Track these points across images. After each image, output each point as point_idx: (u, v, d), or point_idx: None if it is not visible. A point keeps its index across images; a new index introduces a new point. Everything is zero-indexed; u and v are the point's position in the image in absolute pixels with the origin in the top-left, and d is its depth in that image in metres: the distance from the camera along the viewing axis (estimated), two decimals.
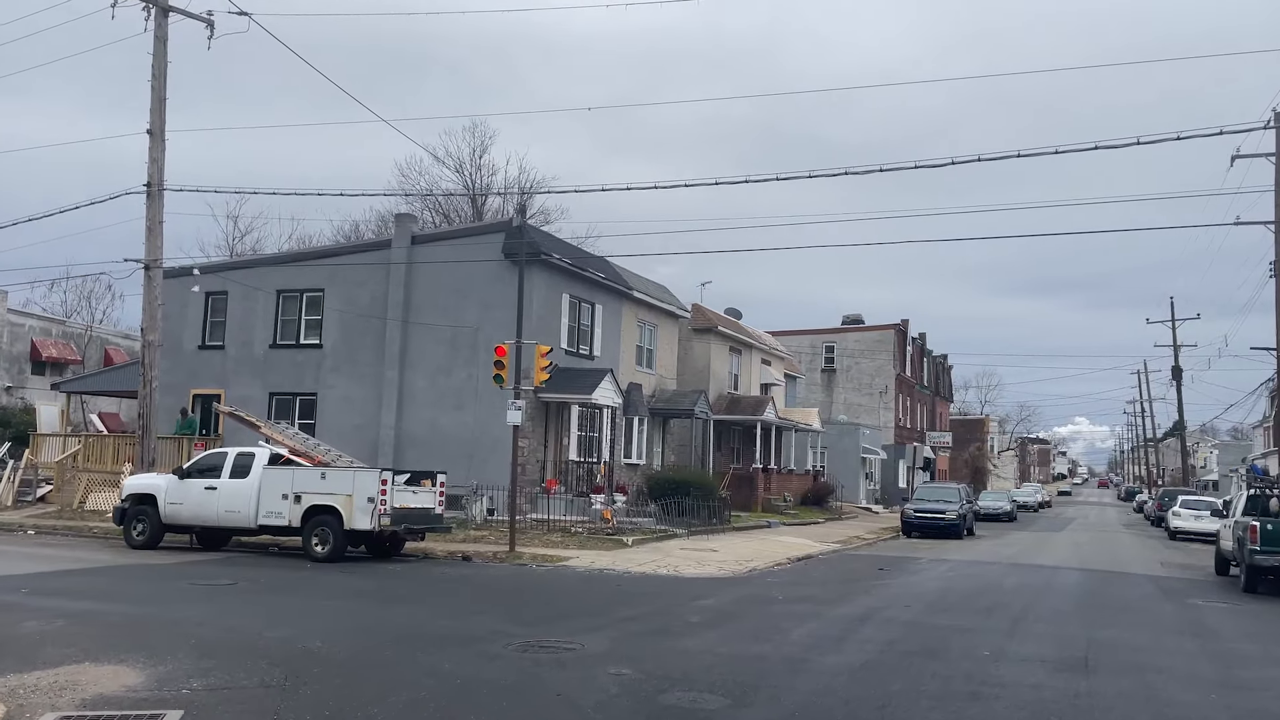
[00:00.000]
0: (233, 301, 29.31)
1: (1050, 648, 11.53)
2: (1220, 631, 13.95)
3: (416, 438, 26.71)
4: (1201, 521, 37.62)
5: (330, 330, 28.18)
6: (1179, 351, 65.41)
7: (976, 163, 16.75)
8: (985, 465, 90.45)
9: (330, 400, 27.90)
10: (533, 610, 13.53)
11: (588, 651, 10.25)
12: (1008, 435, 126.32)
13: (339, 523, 18.37)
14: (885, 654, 10.67)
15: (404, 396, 27.03)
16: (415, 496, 19.28)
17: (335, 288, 28.18)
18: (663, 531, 24.81)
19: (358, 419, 27.42)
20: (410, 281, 27.35)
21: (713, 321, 39.02)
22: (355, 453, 26.64)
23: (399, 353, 27.11)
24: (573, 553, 20.70)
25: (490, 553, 20.37)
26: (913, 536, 33.06)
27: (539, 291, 26.65)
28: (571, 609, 13.64)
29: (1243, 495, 22.18)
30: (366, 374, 27.48)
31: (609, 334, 30.36)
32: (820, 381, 61.55)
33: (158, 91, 23.77)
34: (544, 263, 26.62)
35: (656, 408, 33.43)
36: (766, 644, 11.06)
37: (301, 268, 29.06)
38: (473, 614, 12.89)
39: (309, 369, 28.27)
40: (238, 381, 28.89)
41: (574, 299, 28.37)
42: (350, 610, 12.93)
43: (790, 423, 43.49)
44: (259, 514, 19.08)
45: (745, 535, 27.70)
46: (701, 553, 21.95)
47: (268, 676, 8.64)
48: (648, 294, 32.72)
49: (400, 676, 8.85)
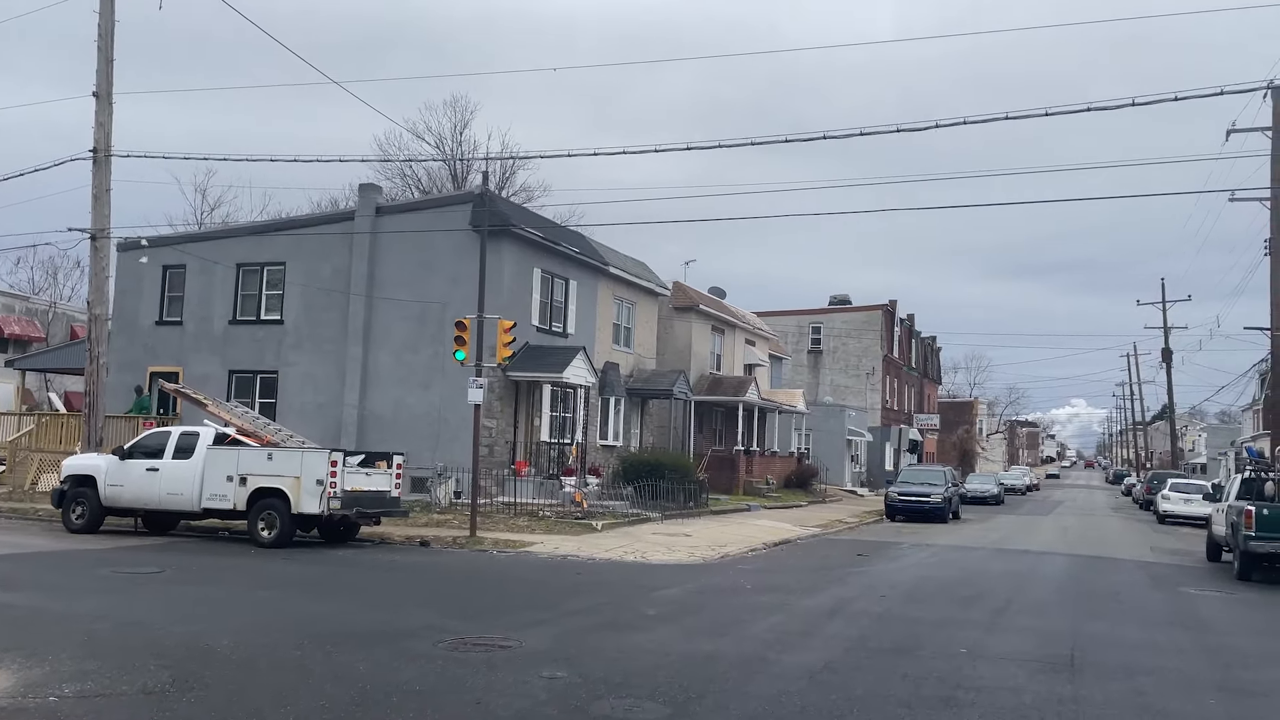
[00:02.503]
0: (191, 275, 28.16)
1: (1033, 644, 10.63)
2: (1215, 624, 13.08)
3: (381, 417, 25.68)
4: (1191, 505, 36.93)
5: (292, 305, 27.07)
6: (1169, 333, 64.74)
7: (962, 125, 15.80)
8: (973, 448, 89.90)
9: (292, 378, 26.82)
10: (479, 601, 12.58)
11: (525, 650, 9.29)
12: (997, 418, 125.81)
13: (286, 506, 17.37)
14: (852, 652, 9.74)
15: (368, 375, 25.97)
16: (369, 479, 18.27)
17: (297, 261, 27.05)
18: (636, 515, 23.89)
19: (321, 398, 26.36)
20: (375, 255, 26.23)
21: (694, 300, 38.00)
22: (318, 433, 25.64)
23: (363, 329, 26.03)
24: (538, 538, 19.76)
25: (450, 538, 19.40)
26: (896, 520, 32.24)
27: (509, 266, 25.59)
28: (522, 600, 12.68)
29: (1236, 478, 21.34)
30: (329, 351, 26.41)
31: (584, 311, 29.32)
32: (806, 363, 60.63)
33: (104, 52, 22.52)
34: (515, 236, 25.53)
35: (634, 388, 32.45)
36: (723, 640, 10.12)
37: (262, 240, 27.90)
38: (413, 606, 11.92)
39: (270, 346, 27.17)
40: (196, 359, 27.78)
41: (546, 274, 27.30)
42: (277, 602, 11.95)
43: (774, 404, 42.58)
44: (203, 497, 18.06)
45: (722, 519, 26.80)
46: (674, 538, 21.04)
47: (153, 681, 7.67)
48: (625, 270, 31.66)
49: (303, 681, 7.88)
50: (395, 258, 26.01)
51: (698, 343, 38.19)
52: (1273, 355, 34.63)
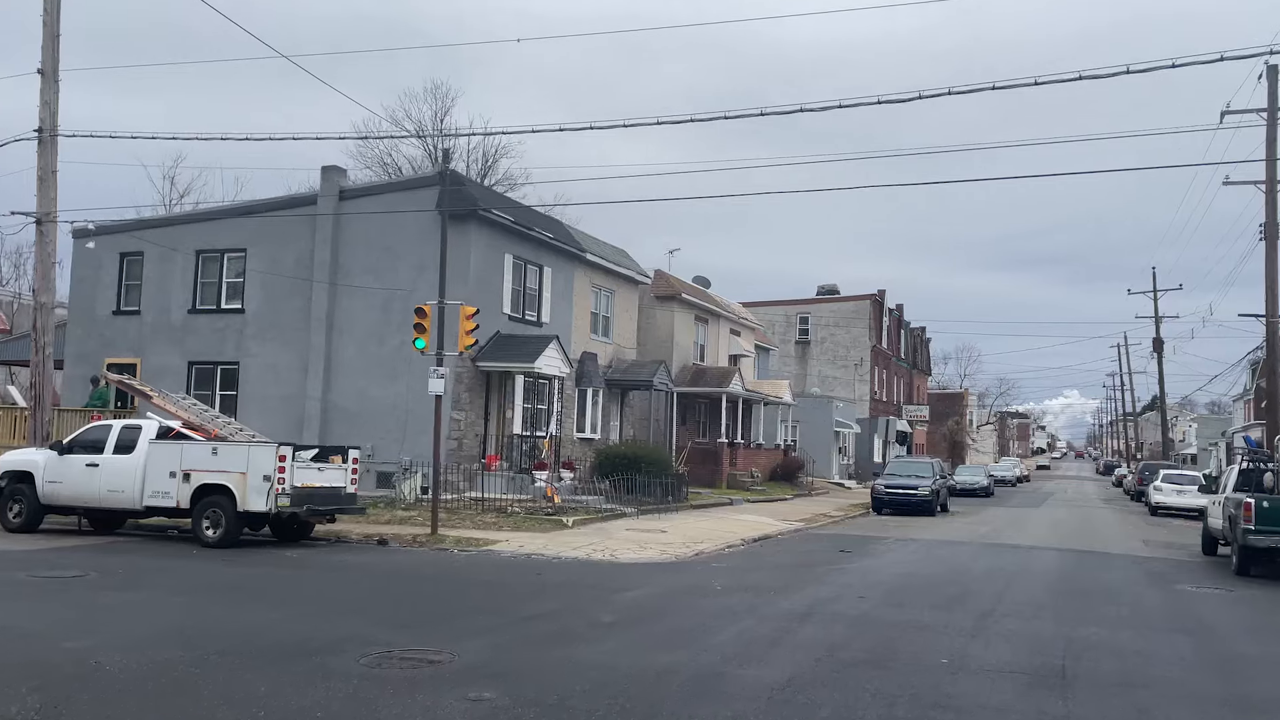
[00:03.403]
0: (149, 263, 27.06)
1: (1021, 652, 9.70)
2: (1216, 627, 12.18)
3: (346, 410, 24.66)
4: (1184, 497, 36.23)
5: (253, 294, 26.00)
6: (1160, 323, 64.01)
7: (946, 95, 14.83)
8: (964, 439, 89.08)
9: (253, 370, 25.76)
10: (423, 607, 11.61)
11: (456, 665, 8.34)
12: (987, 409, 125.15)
13: (232, 504, 16.35)
14: (822, 664, 8.79)
15: (332, 365, 24.93)
16: (321, 474, 17.25)
17: (259, 247, 25.98)
18: (610, 511, 22.93)
19: (283, 390, 25.32)
20: (338, 240, 25.19)
21: (676, 289, 37.02)
22: (280, 426, 24.63)
23: (326, 318, 24.99)
24: (504, 535, 18.79)
25: (411, 536, 18.42)
26: (883, 514, 31.37)
27: (478, 251, 24.56)
28: (470, 605, 11.72)
29: (1234, 469, 20.46)
30: (292, 341, 25.36)
31: (560, 299, 28.32)
32: (794, 354, 59.73)
33: (50, 28, 21.36)
34: (483, 219, 24.50)
35: (613, 379, 31.47)
36: (680, 652, 9.16)
37: (222, 225, 26.79)
38: (346, 613, 10.93)
39: (230, 336, 26.10)
40: (155, 350, 26.70)
41: (519, 260, 26.28)
42: (197, 609, 10.94)
43: (759, 395, 41.65)
44: (144, 494, 17.03)
45: (702, 514, 25.87)
46: (648, 534, 20.09)
47: (19, 708, 6.68)
48: (604, 257, 30.65)
49: (190, 706, 6.90)
50: (360, 243, 24.97)
51: (680, 333, 37.23)
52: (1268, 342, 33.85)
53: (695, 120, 16.62)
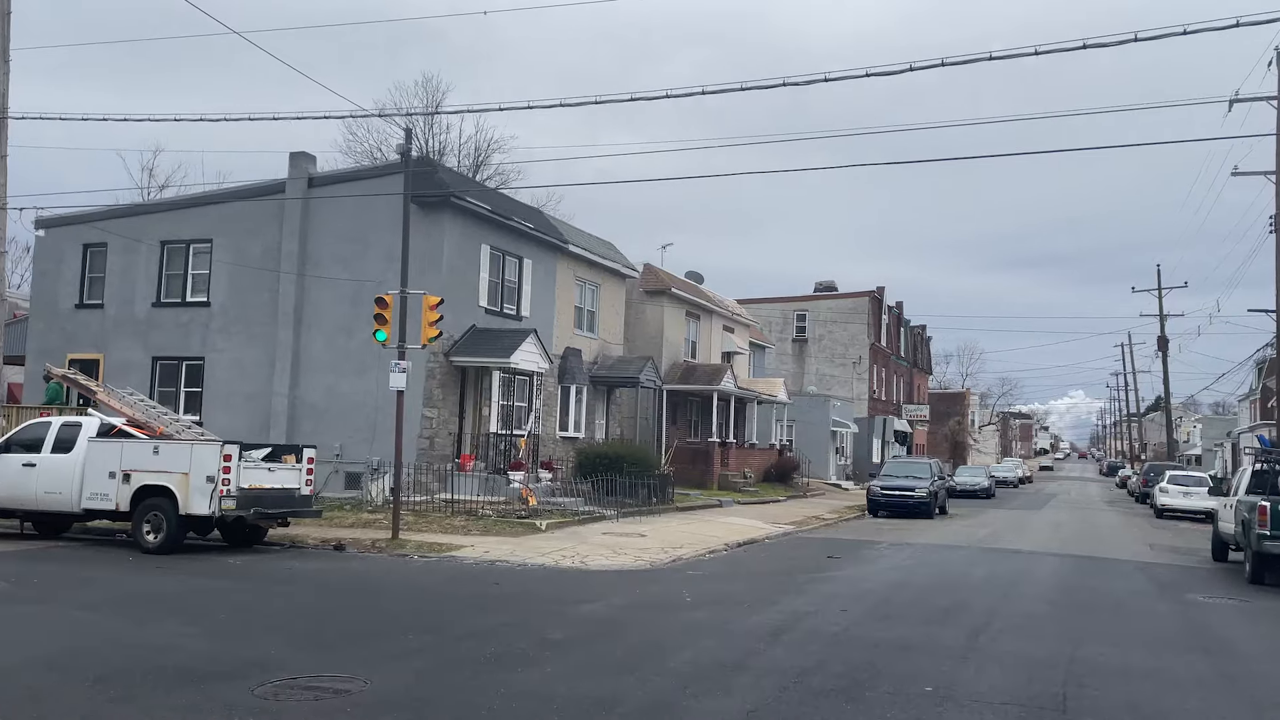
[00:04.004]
0: (113, 255, 25.97)
1: (1017, 677, 8.59)
2: (1234, 644, 11.05)
3: (314, 407, 23.57)
4: (1190, 499, 35.15)
5: (219, 286, 24.91)
6: (1165, 321, 62.79)
7: (940, 67, 13.73)
8: (965, 440, 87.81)
9: (219, 365, 24.67)
10: (355, 623, 10.50)
11: (367, 694, 7.25)
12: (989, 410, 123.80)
13: (174, 506, 15.28)
14: (788, 693, 7.69)
15: (299, 360, 23.84)
16: (272, 475, 16.15)
17: (225, 238, 24.89)
18: (588, 514, 21.82)
19: (249, 386, 24.23)
20: (307, 230, 24.09)
21: (666, 283, 35.88)
22: (246, 424, 23.58)
23: (294, 311, 23.89)
24: (470, 540, 17.70)
25: (371, 541, 17.34)
26: (879, 516, 30.25)
27: (452, 240, 23.46)
28: (408, 620, 10.60)
29: (1246, 470, 19.33)
30: (259, 335, 24.27)
31: (541, 292, 27.20)
32: (791, 352, 58.56)
33: (1, 5, 20.38)
34: (458, 207, 23.39)
35: (599, 375, 30.36)
36: (629, 678, 8.06)
37: (188, 215, 25.70)
38: (267, 630, 9.83)
39: (196, 330, 25.01)
40: (118, 345, 25.62)
41: (496, 251, 25.16)
42: (99, 626, 9.84)
43: (752, 393, 40.50)
44: (83, 495, 15.96)
45: (688, 516, 24.75)
46: (626, 539, 18.99)
47: None
48: (588, 249, 29.54)
49: None
50: (328, 233, 23.88)
51: (670, 329, 36.10)
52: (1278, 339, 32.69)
53: (671, 96, 15.52)
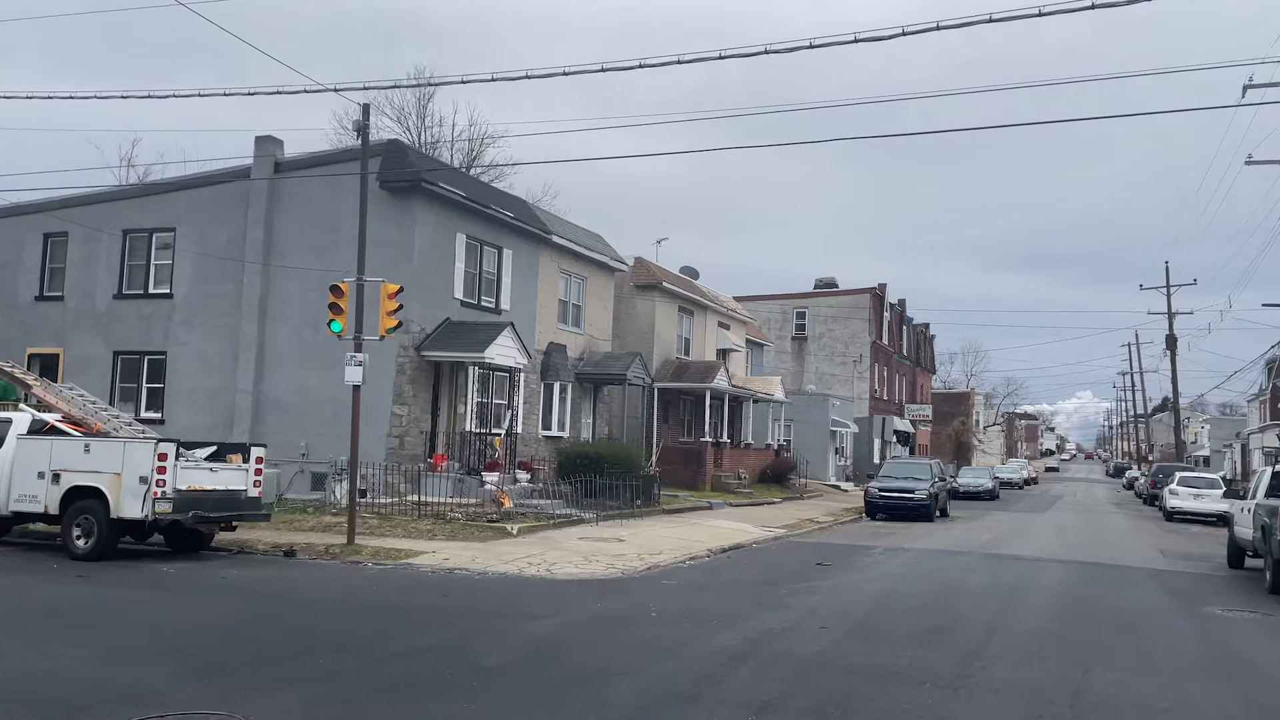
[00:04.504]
0: (74, 244, 24.86)
1: (1014, 711, 7.40)
2: (1261, 667, 9.83)
3: (279, 403, 22.41)
4: (1201, 501, 33.88)
5: (182, 277, 23.76)
6: (1174, 319, 61.40)
7: (936, 30, 12.52)
8: (970, 440, 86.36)
9: (182, 360, 23.53)
10: (268, 641, 9.33)
11: None
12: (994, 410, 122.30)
13: (105, 509, 14.13)
14: None
15: (265, 354, 22.69)
16: (214, 476, 14.99)
17: (188, 226, 23.75)
18: (566, 517, 20.63)
19: (213, 382, 23.09)
20: (272, 218, 22.94)
21: (658, 277, 34.65)
22: (208, 421, 22.46)
23: (259, 302, 22.74)
24: (432, 546, 16.52)
25: (325, 546, 16.18)
26: (877, 519, 29.04)
27: (425, 228, 22.28)
28: (333, 638, 9.43)
29: (1266, 472, 18.09)
30: (222, 328, 23.13)
31: (522, 285, 26.01)
32: (791, 350, 57.32)
33: None
34: (431, 193, 22.20)
35: (585, 372, 29.16)
36: (563, 713, 6.88)
37: (150, 202, 24.55)
38: (163, 653, 8.65)
39: (158, 323, 23.88)
40: (79, 338, 24.50)
41: (473, 240, 23.98)
42: None
43: (748, 391, 39.27)
44: (10, 497, 14.84)
45: (673, 520, 23.53)
46: (602, 544, 17.80)
47: None
48: (573, 240, 28.35)
49: None
50: (295, 220, 22.73)
51: (662, 324, 34.89)
52: None
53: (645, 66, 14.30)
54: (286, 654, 8.73)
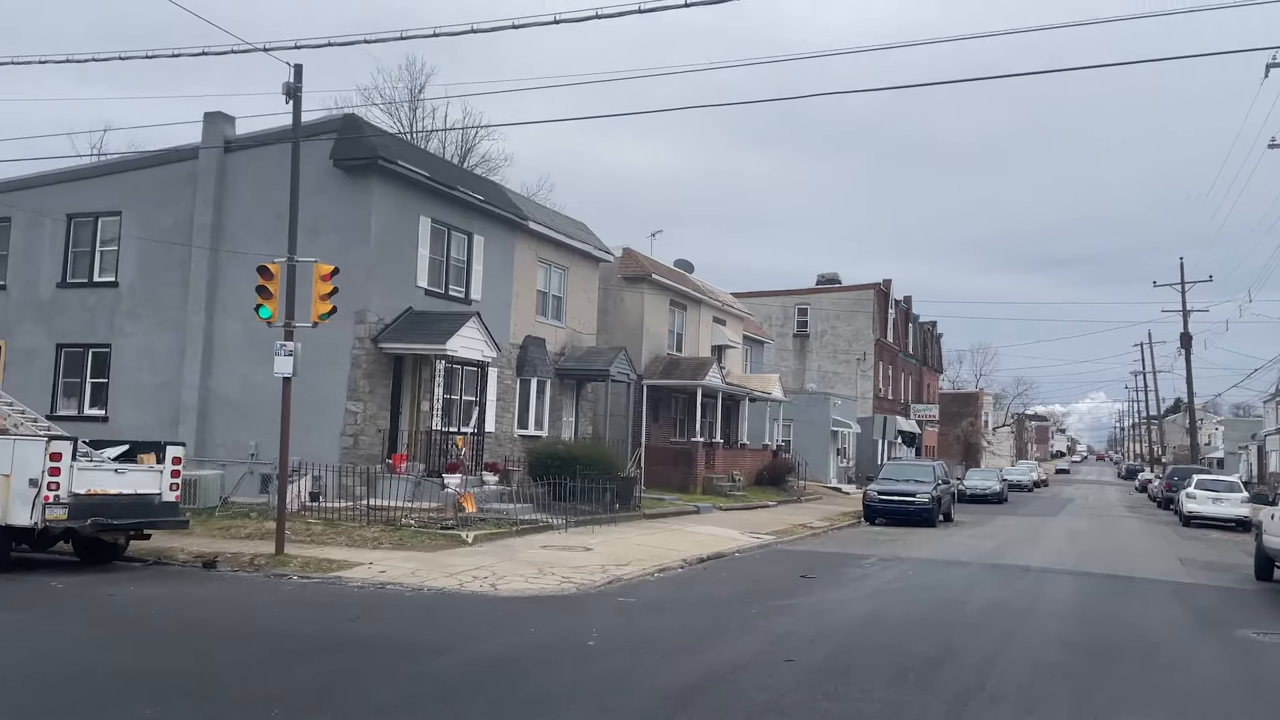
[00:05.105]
0: (17, 230, 23.33)
1: None
2: None
3: (227, 399, 20.83)
4: (1221, 505, 32.13)
5: (127, 264, 22.21)
6: (1188, 317, 59.41)
7: None
8: (979, 441, 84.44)
9: (127, 353, 21.97)
10: (105, 680, 7.72)
11: None
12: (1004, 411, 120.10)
13: None
14: None
15: (212, 347, 21.11)
16: (121, 478, 13.43)
17: (134, 210, 22.19)
18: (532, 523, 18.99)
19: (159, 376, 21.52)
20: (222, 200, 21.36)
21: (646, 268, 32.99)
22: (153, 419, 20.92)
23: (207, 291, 21.16)
24: (374, 556, 14.92)
25: (250, 557, 14.59)
26: (876, 524, 27.34)
27: (383, 210, 20.66)
28: (187, 676, 7.81)
29: None
30: (169, 319, 21.55)
31: (496, 274, 24.37)
32: (792, 347, 55.57)
33: None
34: (390, 173, 20.55)
35: (566, 368, 27.51)
36: None
37: (96, 185, 22.95)
38: None
39: (102, 314, 22.32)
40: (21, 330, 22.96)
41: (439, 225, 22.33)
42: None
43: (743, 390, 37.54)
44: None
45: (653, 526, 21.87)
46: (566, 553, 16.17)
47: None
48: (552, 227, 26.69)
49: None
50: (246, 203, 21.13)
51: (652, 319, 33.23)
52: None
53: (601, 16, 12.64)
54: (117, 697, 7.11)
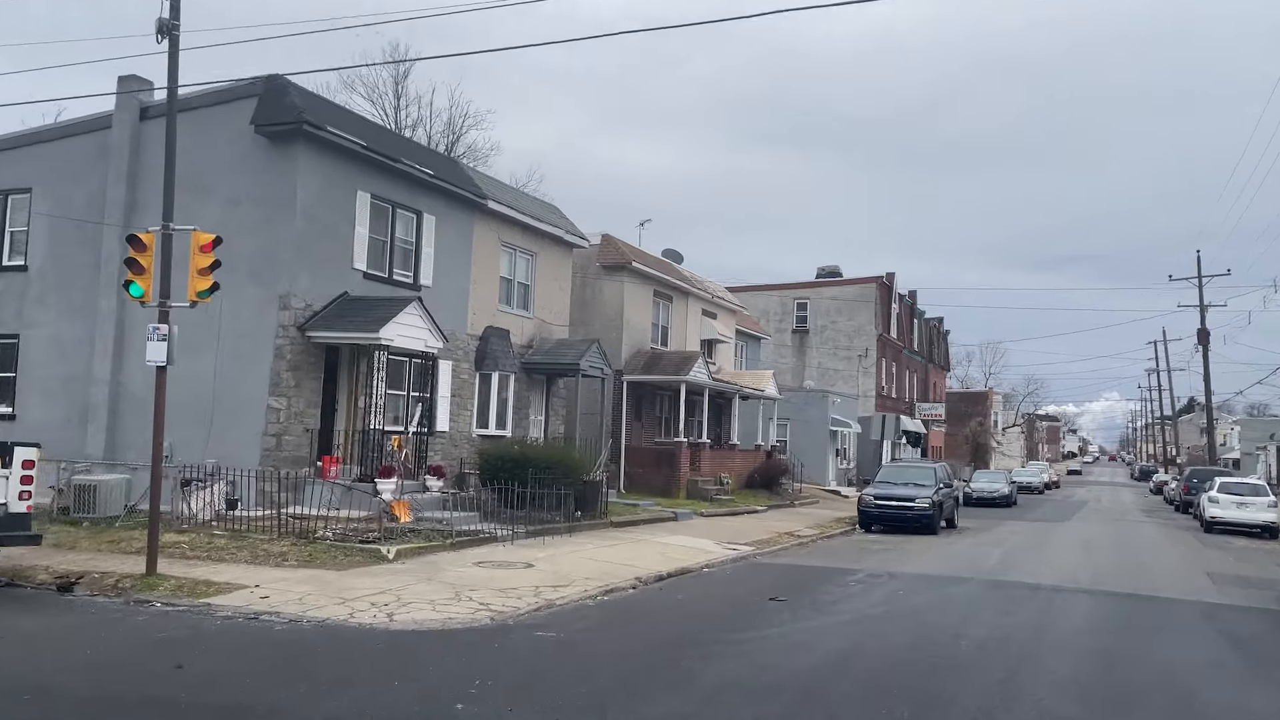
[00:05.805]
0: None
1: None
2: None
3: (140, 396, 18.64)
4: (1247, 510, 29.83)
5: (38, 246, 20.13)
6: (1205, 312, 56.89)
7: None
8: (988, 442, 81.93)
9: (36, 344, 19.89)
10: None
11: None
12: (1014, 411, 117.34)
13: None
14: None
15: (124, 337, 19.00)
16: None
17: (46, 185, 20.12)
18: (473, 535, 16.77)
19: (69, 369, 19.42)
20: (137, 172, 19.25)
21: (626, 256, 30.75)
22: (62, 417, 18.85)
23: (119, 273, 18.97)
24: (265, 576, 12.74)
25: (118, 578, 12.40)
26: (872, 531, 25.11)
27: (311, 182, 18.47)
28: None
29: None
30: (80, 306, 19.48)
31: (450, 257, 22.19)
32: (791, 344, 53.28)
33: None
34: (319, 140, 18.34)
35: (534, 362, 25.31)
36: None
37: (6, 159, 20.86)
38: None
39: (10, 301, 20.24)
40: None
41: (381, 201, 20.15)
42: None
43: (733, 387, 35.29)
44: None
45: (617, 536, 19.65)
46: (500, 571, 13.98)
47: None
48: (517, 208, 24.50)
49: None
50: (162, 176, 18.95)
51: (633, 310, 31.01)
52: None
53: None
54: None
